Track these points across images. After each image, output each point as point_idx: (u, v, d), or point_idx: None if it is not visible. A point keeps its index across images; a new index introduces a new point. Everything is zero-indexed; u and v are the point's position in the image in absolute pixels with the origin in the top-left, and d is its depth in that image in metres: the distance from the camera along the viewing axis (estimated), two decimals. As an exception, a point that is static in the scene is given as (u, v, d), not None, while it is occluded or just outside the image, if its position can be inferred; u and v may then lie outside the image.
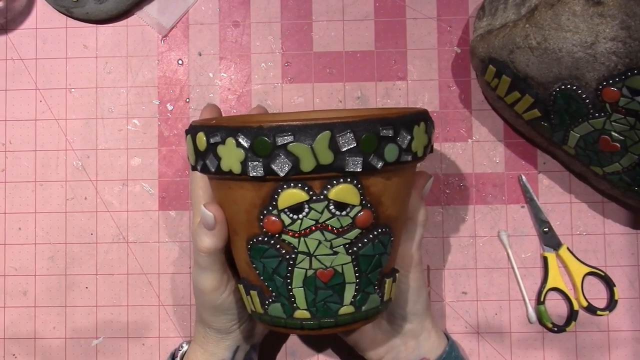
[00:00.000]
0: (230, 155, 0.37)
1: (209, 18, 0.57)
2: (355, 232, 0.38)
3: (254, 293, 0.41)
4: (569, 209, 0.55)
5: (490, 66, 0.50)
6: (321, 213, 0.38)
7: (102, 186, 0.56)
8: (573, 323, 0.54)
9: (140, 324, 0.56)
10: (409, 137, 0.38)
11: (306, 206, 0.38)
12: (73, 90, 0.57)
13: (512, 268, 0.55)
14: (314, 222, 0.38)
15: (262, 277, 0.40)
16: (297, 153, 0.36)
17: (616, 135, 0.47)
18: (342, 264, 0.39)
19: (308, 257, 0.39)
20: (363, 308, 0.41)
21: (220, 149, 0.38)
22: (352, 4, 0.57)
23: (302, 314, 0.40)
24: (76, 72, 0.57)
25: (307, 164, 0.36)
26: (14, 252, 0.57)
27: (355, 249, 0.39)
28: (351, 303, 0.40)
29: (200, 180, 0.45)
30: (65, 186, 0.57)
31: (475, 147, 0.56)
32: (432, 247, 0.55)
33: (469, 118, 0.56)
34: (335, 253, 0.39)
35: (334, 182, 0.37)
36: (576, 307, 0.54)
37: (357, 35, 0.56)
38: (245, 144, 0.37)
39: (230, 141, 0.37)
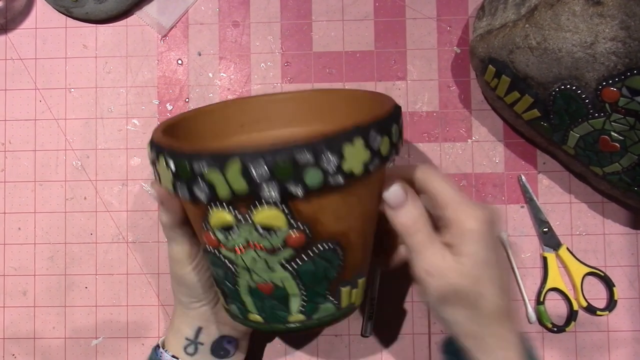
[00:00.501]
0: (164, 174, 0.38)
1: (209, 18, 0.57)
2: (288, 252, 0.37)
3: (218, 291, 0.43)
4: (568, 209, 0.55)
5: (490, 66, 0.50)
6: (250, 234, 0.37)
7: (102, 186, 0.56)
8: (573, 323, 0.54)
9: (140, 324, 0.56)
10: (336, 158, 0.35)
11: (235, 227, 0.37)
12: (73, 90, 0.57)
13: (512, 268, 0.55)
14: (245, 242, 0.37)
15: (217, 282, 0.42)
16: (212, 181, 0.35)
17: (616, 135, 0.47)
18: (280, 279, 0.38)
19: (247, 271, 0.39)
20: (314, 316, 0.40)
21: (158, 167, 0.38)
22: (352, 4, 0.57)
23: (254, 317, 0.41)
24: (76, 72, 0.57)
25: (223, 192, 0.35)
26: (14, 252, 0.57)
27: (294, 265, 0.38)
28: (300, 312, 0.40)
29: None
30: (65, 186, 0.57)
31: (475, 147, 0.56)
32: (432, 247, 0.55)
33: (469, 118, 0.56)
34: (272, 269, 0.38)
35: (258, 205, 0.36)
36: (576, 307, 0.54)
37: (357, 35, 0.56)
38: (172, 167, 0.36)
39: (162, 161, 0.37)
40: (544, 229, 0.55)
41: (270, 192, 0.35)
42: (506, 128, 0.56)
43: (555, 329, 0.54)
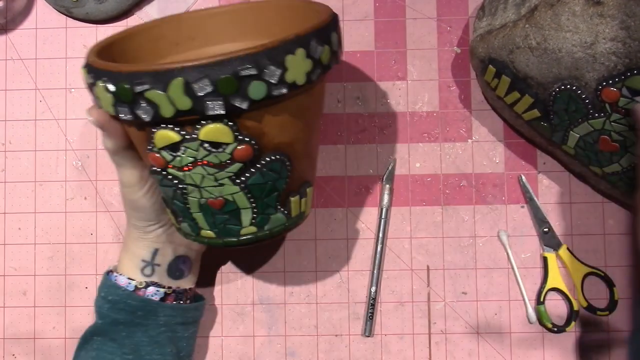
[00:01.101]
0: (103, 98, 0.38)
1: (209, 18, 0.57)
2: (237, 166, 0.38)
3: (168, 211, 0.43)
4: (568, 209, 0.55)
5: (490, 66, 0.50)
6: (197, 151, 0.38)
7: (102, 186, 0.56)
8: (573, 323, 0.54)
9: (140, 324, 0.56)
10: (279, 70, 0.36)
11: (181, 146, 0.38)
12: (73, 90, 0.57)
13: (512, 268, 0.55)
14: (192, 159, 0.38)
15: (166, 202, 0.42)
16: (155, 100, 0.36)
17: (616, 135, 0.47)
18: (231, 194, 0.39)
19: (197, 189, 0.39)
20: (266, 227, 0.41)
21: (95, 90, 0.38)
22: (352, 4, 0.57)
23: (207, 233, 0.42)
24: (76, 72, 0.57)
25: (167, 111, 0.36)
26: (14, 252, 0.57)
27: (242, 179, 0.39)
28: (252, 224, 0.41)
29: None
30: (65, 186, 0.57)
31: (475, 147, 0.56)
32: (432, 247, 0.55)
33: (469, 118, 0.56)
34: (222, 185, 0.39)
35: (203, 122, 0.37)
36: (576, 307, 0.54)
37: (357, 35, 0.56)
38: (112, 89, 0.37)
39: (100, 84, 0.37)
40: (544, 229, 0.55)
41: (215, 107, 0.35)
42: (506, 128, 0.56)
43: (555, 329, 0.54)
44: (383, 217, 0.55)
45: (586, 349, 0.54)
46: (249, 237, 0.41)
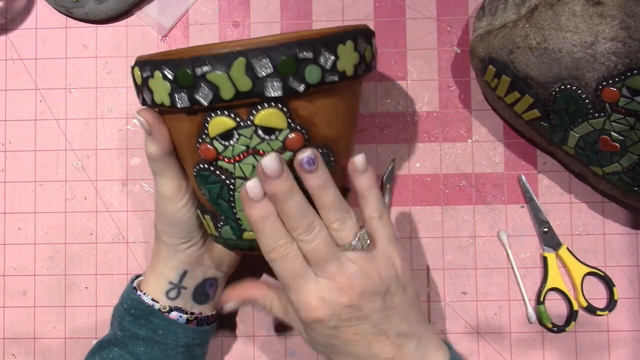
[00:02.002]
0: (160, 88, 0.39)
1: (209, 18, 0.57)
2: (288, 155, 0.39)
3: (207, 217, 0.43)
4: (568, 209, 0.55)
5: (490, 66, 0.50)
6: (250, 139, 0.38)
7: (102, 186, 0.56)
8: (573, 323, 0.54)
9: (140, 324, 0.56)
10: (332, 57, 0.38)
11: (235, 133, 0.38)
12: (73, 90, 0.57)
13: (512, 268, 0.55)
14: (245, 148, 0.39)
15: (210, 202, 0.42)
16: (216, 82, 0.37)
17: (616, 135, 0.47)
18: None
19: (245, 182, 0.40)
20: None
21: (151, 82, 0.39)
22: (352, 4, 0.57)
23: (249, 235, 0.42)
24: (76, 72, 0.57)
25: (227, 92, 0.37)
26: (14, 252, 0.57)
27: (291, 171, 0.39)
28: None
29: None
30: (65, 186, 0.57)
31: (475, 147, 0.56)
32: (432, 247, 0.55)
33: (469, 118, 0.56)
34: None
35: (259, 107, 0.38)
36: (576, 307, 0.54)
37: (357, 35, 0.56)
38: (170, 77, 0.38)
39: (158, 74, 0.38)
40: (544, 229, 0.55)
41: (274, 88, 0.37)
42: (506, 128, 0.56)
43: (555, 329, 0.54)
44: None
45: (586, 349, 0.54)
46: None
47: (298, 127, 0.39)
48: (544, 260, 0.55)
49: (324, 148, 0.40)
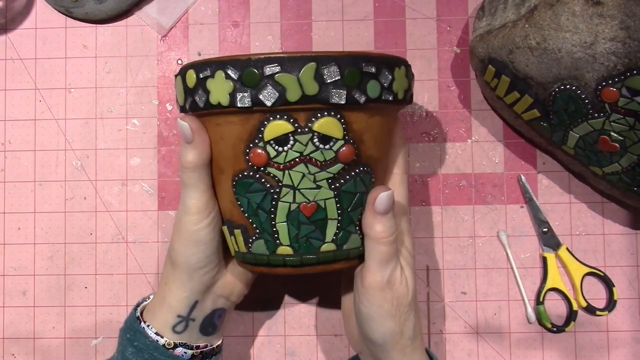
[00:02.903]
0: (219, 88, 0.39)
1: (209, 18, 0.57)
2: (338, 167, 0.40)
3: (237, 232, 0.42)
4: (568, 209, 0.55)
5: (490, 66, 0.50)
6: (305, 145, 0.39)
7: (102, 186, 0.56)
8: (572, 323, 0.54)
9: (140, 324, 0.56)
10: (390, 76, 0.40)
11: (291, 138, 0.39)
12: (72, 90, 0.57)
13: (512, 268, 0.55)
14: (298, 155, 0.39)
15: (246, 214, 0.41)
16: (284, 83, 0.38)
17: (615, 135, 0.47)
18: (324, 199, 0.40)
19: (292, 190, 0.40)
20: (344, 247, 0.42)
21: (210, 83, 0.39)
22: (352, 4, 0.57)
23: (284, 250, 0.41)
24: (76, 72, 0.57)
25: (293, 94, 0.38)
26: (13, 252, 0.57)
27: (337, 184, 0.40)
28: (332, 240, 0.41)
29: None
30: (65, 186, 0.57)
31: (475, 147, 0.56)
32: (432, 247, 0.55)
33: (469, 118, 0.56)
34: (319, 187, 0.40)
35: (318, 114, 0.39)
36: (575, 307, 0.54)
37: (357, 36, 0.56)
38: (234, 76, 0.38)
39: (220, 74, 0.39)
40: (544, 229, 0.55)
41: (339, 96, 0.38)
42: (506, 128, 0.56)
43: (554, 329, 0.54)
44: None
45: (585, 349, 0.54)
46: (328, 254, 0.41)
47: (351, 140, 0.40)
48: (544, 260, 0.55)
49: (368, 167, 0.41)
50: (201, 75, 0.40)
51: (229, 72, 0.38)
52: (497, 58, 0.49)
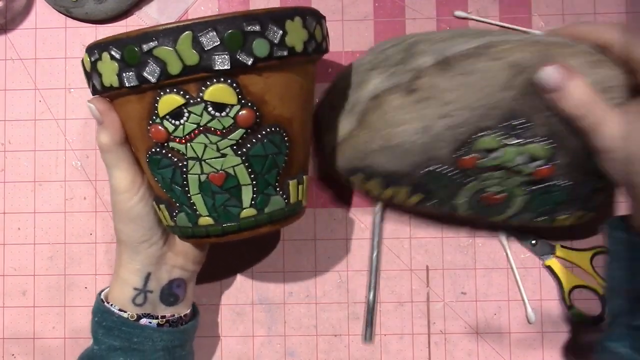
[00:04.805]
0: (108, 70, 0.39)
1: (209, 18, 0.57)
2: (239, 132, 0.39)
3: (162, 207, 0.43)
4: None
5: (358, 174, 0.49)
6: (200, 116, 0.38)
7: (102, 186, 0.56)
8: None
9: (140, 324, 0.56)
10: (280, 31, 0.38)
11: (185, 110, 0.38)
12: (72, 90, 0.57)
13: (512, 268, 0.55)
14: (195, 126, 0.39)
15: (164, 189, 0.42)
16: (163, 57, 0.37)
17: (496, 187, 0.47)
18: (232, 166, 0.40)
19: (198, 162, 0.40)
20: (265, 210, 0.41)
21: (100, 65, 0.39)
22: (352, 4, 0.57)
23: (205, 220, 0.41)
24: (75, 72, 0.57)
25: (174, 67, 0.37)
26: (13, 252, 0.57)
27: (244, 149, 0.40)
28: (251, 205, 0.41)
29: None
30: (65, 186, 0.57)
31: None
32: (432, 247, 0.55)
33: (469, 118, 0.56)
34: (224, 155, 0.40)
35: (208, 83, 0.38)
36: (601, 292, 0.53)
37: (357, 36, 0.56)
38: (117, 56, 0.38)
39: (106, 55, 0.39)
40: (532, 242, 0.54)
41: (221, 61, 0.37)
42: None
43: (595, 321, 0.53)
44: (378, 220, 0.55)
45: (585, 349, 0.54)
46: (249, 220, 0.41)
47: (249, 103, 0.39)
48: (549, 269, 0.54)
49: (278, 127, 0.40)
50: (92, 59, 0.40)
51: (113, 52, 0.38)
52: (358, 165, 0.48)
